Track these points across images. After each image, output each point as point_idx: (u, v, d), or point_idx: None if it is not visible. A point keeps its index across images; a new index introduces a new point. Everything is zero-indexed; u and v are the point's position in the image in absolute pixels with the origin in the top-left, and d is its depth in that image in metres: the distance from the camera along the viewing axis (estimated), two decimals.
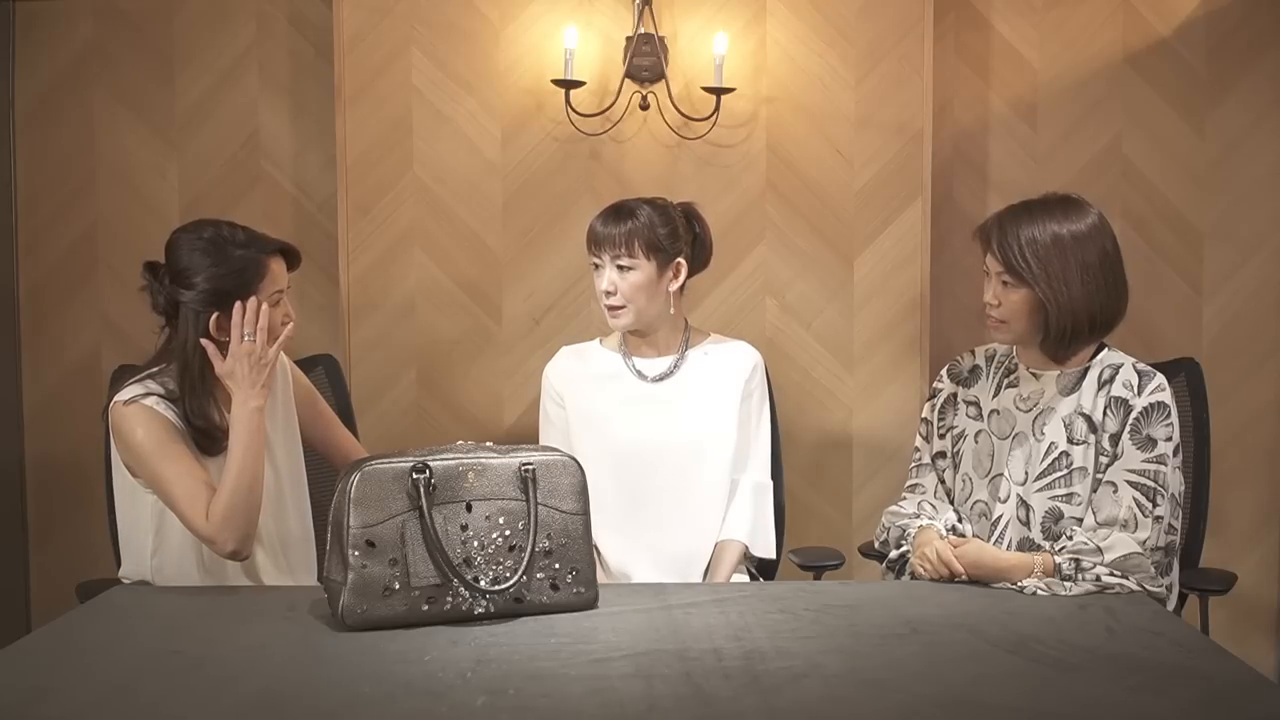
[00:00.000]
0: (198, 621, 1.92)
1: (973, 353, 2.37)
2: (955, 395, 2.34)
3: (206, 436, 2.19)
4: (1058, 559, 2.05)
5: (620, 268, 2.42)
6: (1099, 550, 2.03)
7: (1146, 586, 2.03)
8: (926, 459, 2.35)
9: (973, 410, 2.30)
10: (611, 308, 2.45)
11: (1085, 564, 2.03)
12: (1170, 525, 2.09)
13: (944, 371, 2.38)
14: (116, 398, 2.17)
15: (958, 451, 2.31)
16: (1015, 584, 2.06)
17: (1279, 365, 3.50)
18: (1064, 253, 2.11)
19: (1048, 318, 2.12)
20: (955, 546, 2.12)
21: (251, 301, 2.16)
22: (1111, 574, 2.02)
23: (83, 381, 3.46)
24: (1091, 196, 2.07)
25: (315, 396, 2.52)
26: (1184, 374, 2.57)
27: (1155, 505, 2.07)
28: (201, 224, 2.23)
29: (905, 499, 2.34)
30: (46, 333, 3.53)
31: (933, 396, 2.37)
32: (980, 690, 1.59)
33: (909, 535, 2.23)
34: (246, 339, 2.14)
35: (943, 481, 2.33)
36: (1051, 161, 3.47)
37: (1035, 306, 2.13)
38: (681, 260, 2.47)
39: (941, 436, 2.34)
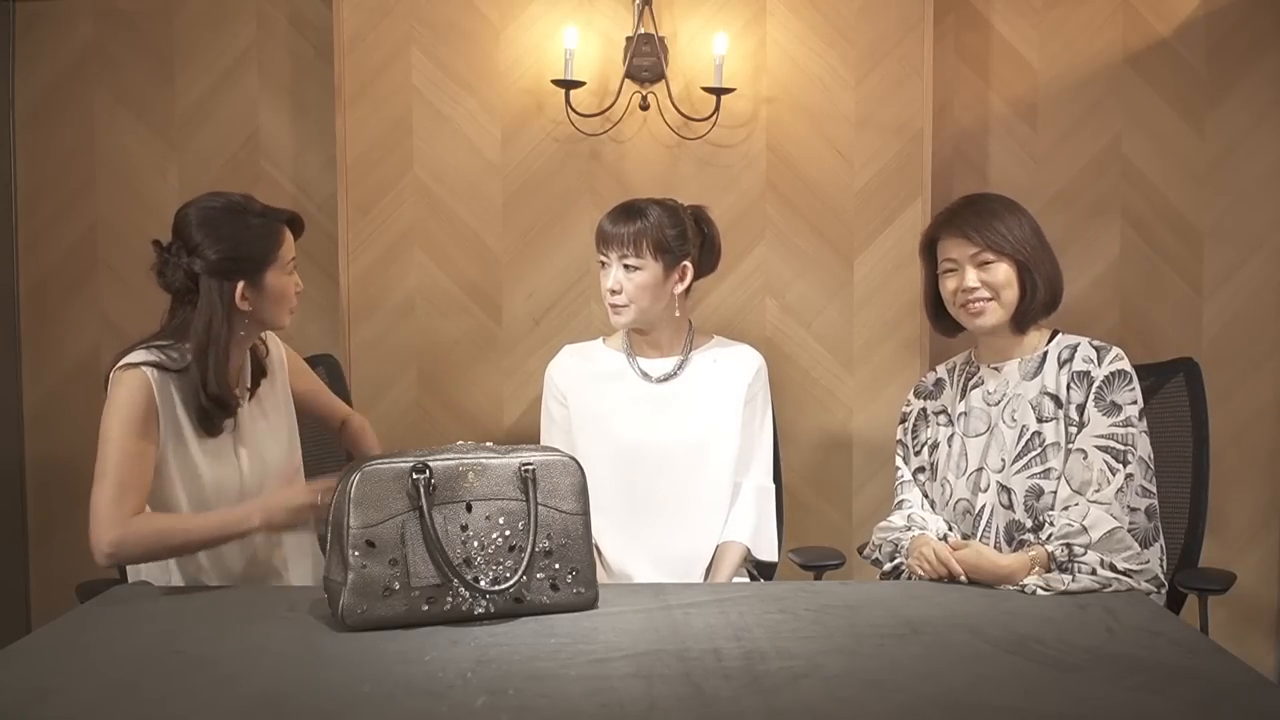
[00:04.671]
0: (198, 621, 1.92)
1: (934, 370, 2.44)
2: (924, 410, 2.40)
3: (219, 404, 2.15)
4: (1049, 548, 2.07)
5: (627, 267, 2.41)
6: (1084, 530, 2.06)
7: (1132, 566, 2.05)
8: (907, 476, 2.41)
9: (943, 419, 2.35)
10: (615, 305, 2.44)
11: (1076, 549, 2.05)
12: (1143, 487, 2.14)
13: (910, 394, 2.46)
14: (120, 362, 2.11)
15: (934, 461, 2.35)
16: (1015, 584, 2.06)
17: (1279, 365, 3.50)
18: (1021, 222, 2.24)
19: (1029, 283, 2.21)
20: (955, 549, 2.14)
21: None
22: (1102, 562, 2.04)
23: (83, 381, 3.46)
24: (1091, 196, 2.08)
25: (306, 372, 2.50)
26: (1184, 374, 2.56)
27: (1125, 465, 2.12)
28: (210, 195, 2.20)
29: (894, 515, 2.36)
30: (46, 333, 3.53)
31: (903, 420, 2.43)
32: (980, 691, 1.59)
33: (902, 548, 2.25)
34: (323, 500, 2.03)
35: (926, 495, 2.37)
36: (1051, 161, 3.47)
37: (1018, 275, 2.22)
38: (688, 263, 2.47)
39: (917, 454, 2.40)
